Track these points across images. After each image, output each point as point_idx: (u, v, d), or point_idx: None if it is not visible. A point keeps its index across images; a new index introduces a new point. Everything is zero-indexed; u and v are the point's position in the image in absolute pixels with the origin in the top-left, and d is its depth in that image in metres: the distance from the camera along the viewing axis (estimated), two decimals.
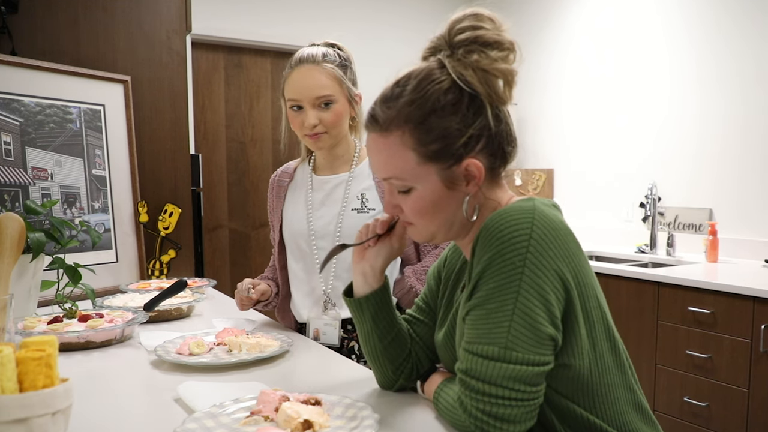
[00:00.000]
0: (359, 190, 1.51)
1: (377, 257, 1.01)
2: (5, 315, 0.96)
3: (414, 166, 0.87)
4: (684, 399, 2.59)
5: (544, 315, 0.79)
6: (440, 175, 0.87)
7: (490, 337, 0.80)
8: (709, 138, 3.23)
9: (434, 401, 0.95)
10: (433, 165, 0.86)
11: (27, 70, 1.94)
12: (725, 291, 2.44)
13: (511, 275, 0.79)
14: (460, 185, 0.88)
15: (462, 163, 0.86)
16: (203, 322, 1.63)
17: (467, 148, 0.86)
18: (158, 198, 2.32)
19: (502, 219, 0.82)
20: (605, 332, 0.88)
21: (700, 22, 3.24)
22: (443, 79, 0.86)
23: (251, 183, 4.08)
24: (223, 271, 3.95)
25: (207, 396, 0.99)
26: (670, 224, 3.38)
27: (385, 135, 0.88)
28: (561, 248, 0.81)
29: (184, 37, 2.42)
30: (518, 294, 0.79)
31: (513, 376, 0.79)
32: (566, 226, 0.84)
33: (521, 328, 0.79)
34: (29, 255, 1.40)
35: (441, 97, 0.85)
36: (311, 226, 1.52)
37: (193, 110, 3.76)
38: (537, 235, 0.80)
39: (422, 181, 0.88)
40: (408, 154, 0.87)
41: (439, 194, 0.88)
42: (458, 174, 0.87)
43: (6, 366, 0.67)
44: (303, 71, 1.43)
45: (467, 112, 0.85)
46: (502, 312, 0.79)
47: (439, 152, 0.86)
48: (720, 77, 3.16)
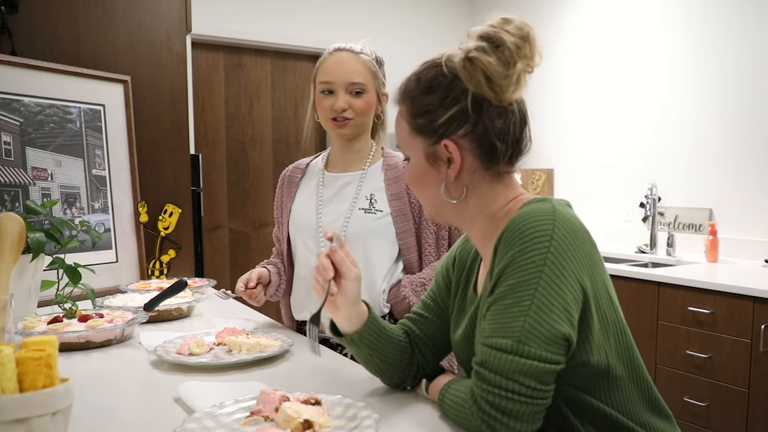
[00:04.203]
0: (369, 191, 1.50)
1: (347, 301, 0.98)
2: (5, 315, 0.96)
3: (407, 137, 0.97)
4: (684, 399, 2.59)
5: (560, 314, 0.80)
6: (425, 150, 0.94)
7: (505, 331, 0.81)
8: (709, 138, 3.23)
9: (439, 400, 0.95)
10: (419, 138, 0.95)
11: (27, 70, 1.94)
12: (725, 291, 2.44)
13: (531, 273, 0.81)
14: (442, 166, 0.94)
15: (441, 143, 0.92)
16: (203, 322, 1.63)
17: (447, 129, 0.92)
18: (158, 198, 2.32)
19: (524, 220, 0.85)
20: (618, 326, 0.90)
21: (701, 22, 3.24)
22: (440, 66, 0.93)
23: (251, 183, 4.08)
24: (223, 271, 3.94)
25: (207, 396, 0.99)
26: (670, 224, 3.38)
27: (398, 105, 0.99)
28: (579, 250, 0.84)
29: (184, 37, 2.42)
30: (536, 291, 0.81)
31: (524, 370, 0.79)
32: (584, 227, 0.87)
33: (536, 324, 0.80)
34: (29, 255, 1.40)
35: (433, 77, 0.93)
36: (320, 222, 1.51)
37: (193, 110, 3.76)
38: (558, 236, 0.83)
39: (412, 152, 0.97)
40: (403, 123, 0.97)
41: (422, 168, 0.96)
42: (440, 154, 0.93)
43: (6, 366, 0.67)
44: (341, 56, 1.49)
45: (447, 92, 0.91)
46: (519, 307, 0.81)
47: (424, 127, 0.94)
48: (720, 77, 3.16)
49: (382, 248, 1.47)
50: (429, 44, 4.47)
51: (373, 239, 1.47)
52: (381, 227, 1.47)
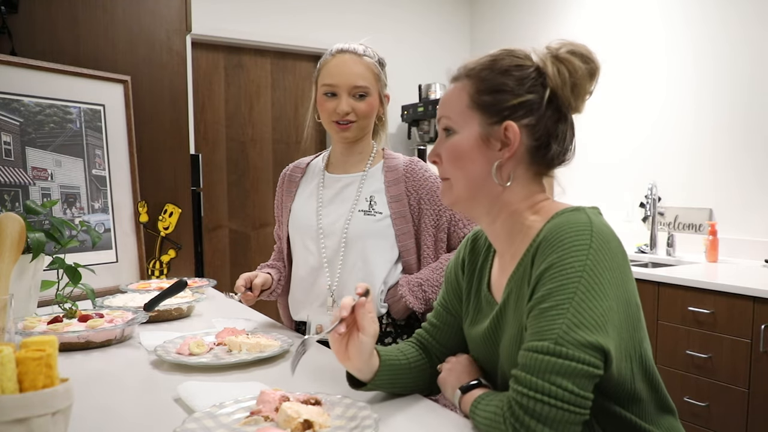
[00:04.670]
0: (369, 192, 1.50)
1: (359, 354, 0.97)
2: (5, 315, 0.96)
3: (463, 108, 0.95)
4: (684, 399, 2.59)
5: (596, 319, 0.81)
6: (481, 127, 0.93)
7: (543, 334, 0.81)
8: (709, 138, 3.23)
9: (471, 413, 0.92)
10: (478, 114, 0.94)
11: (27, 70, 1.94)
12: (725, 291, 2.44)
13: (570, 278, 0.82)
14: (495, 147, 0.93)
15: (503, 124, 0.92)
16: (203, 322, 1.63)
17: (513, 113, 0.92)
18: (158, 198, 2.32)
19: (562, 229, 0.87)
20: (644, 331, 0.92)
21: (700, 23, 3.24)
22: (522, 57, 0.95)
23: (251, 183, 4.08)
24: (223, 271, 3.94)
25: (207, 396, 0.99)
26: (670, 224, 3.38)
27: (456, 81, 0.98)
28: (614, 260, 0.85)
29: (184, 37, 2.42)
30: (575, 294, 0.81)
31: (560, 371, 0.78)
32: (617, 238, 0.89)
33: (574, 327, 0.80)
34: (29, 255, 1.40)
35: (512, 63, 0.94)
36: (320, 223, 1.51)
37: (193, 110, 3.76)
38: (596, 246, 0.84)
39: (464, 127, 0.95)
40: (463, 96, 0.95)
41: (473, 145, 0.94)
42: (497, 134, 0.93)
43: (6, 366, 0.67)
44: (345, 59, 1.47)
45: (525, 80, 0.92)
46: (557, 310, 0.81)
47: (488, 104, 0.93)
48: (720, 77, 3.16)
49: (381, 250, 1.48)
50: (429, 44, 4.48)
51: (373, 241, 1.47)
52: (380, 229, 1.47)
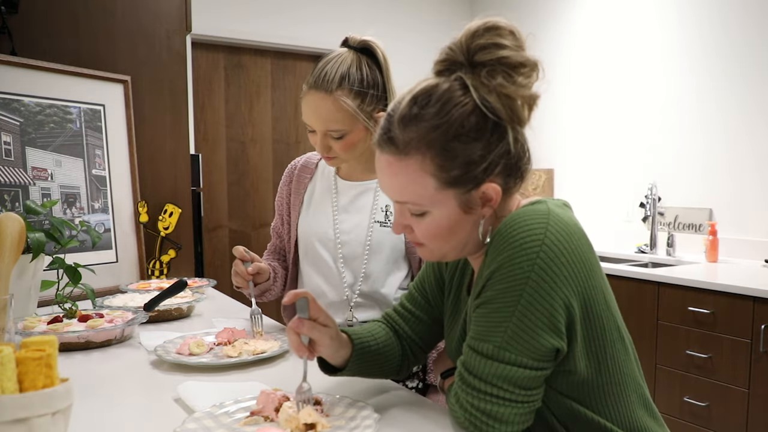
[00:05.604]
0: (384, 202, 1.47)
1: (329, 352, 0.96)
2: (5, 315, 0.96)
3: (433, 192, 0.84)
4: (684, 399, 2.59)
5: (544, 321, 0.79)
6: (458, 200, 0.85)
7: (487, 336, 0.81)
8: (709, 138, 3.23)
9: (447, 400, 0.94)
10: (452, 190, 0.84)
11: (27, 70, 1.94)
12: (725, 291, 2.44)
13: (518, 279, 0.79)
14: (476, 208, 0.86)
15: (480, 187, 0.84)
16: (203, 322, 1.63)
17: (487, 173, 0.84)
18: (158, 198, 2.32)
19: (515, 224, 0.82)
20: (617, 332, 0.87)
21: (700, 23, 3.24)
22: (466, 102, 0.83)
23: (251, 183, 4.08)
24: (223, 271, 3.94)
25: (207, 396, 0.99)
26: (670, 224, 3.38)
27: (402, 158, 0.84)
28: (573, 253, 0.81)
29: (184, 37, 2.42)
30: (521, 298, 0.79)
31: (504, 375, 0.79)
32: (580, 229, 0.84)
33: (518, 330, 0.79)
34: (29, 255, 1.40)
35: (465, 122, 0.82)
36: (337, 232, 1.47)
37: (193, 110, 3.76)
38: (549, 241, 0.80)
39: (439, 206, 0.85)
40: (427, 179, 0.84)
41: (455, 218, 0.86)
42: (475, 197, 0.85)
43: (6, 366, 0.67)
44: (316, 100, 1.33)
45: (491, 138, 0.83)
46: (502, 313, 0.80)
47: (460, 178, 0.83)
48: (720, 77, 3.16)
49: (396, 262, 1.46)
50: (429, 44, 4.48)
51: (390, 253, 1.45)
52: (395, 241, 1.46)
